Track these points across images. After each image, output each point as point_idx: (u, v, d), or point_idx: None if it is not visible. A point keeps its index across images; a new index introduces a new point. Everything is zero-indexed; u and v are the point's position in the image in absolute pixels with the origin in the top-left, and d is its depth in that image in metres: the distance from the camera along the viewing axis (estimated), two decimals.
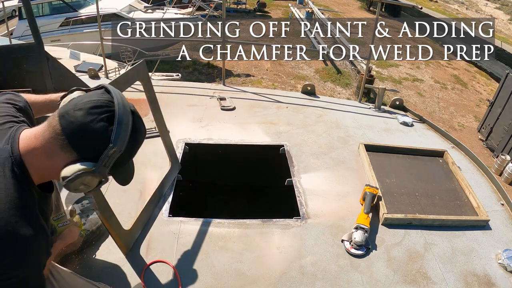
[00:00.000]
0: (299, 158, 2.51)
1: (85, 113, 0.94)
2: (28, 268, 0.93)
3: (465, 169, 2.59)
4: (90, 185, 1.00)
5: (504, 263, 1.85)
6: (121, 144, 0.97)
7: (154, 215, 1.94)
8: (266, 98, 3.42)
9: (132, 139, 1.01)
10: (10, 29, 6.74)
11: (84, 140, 0.95)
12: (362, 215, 1.95)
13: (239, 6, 16.29)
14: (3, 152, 0.95)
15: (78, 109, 0.95)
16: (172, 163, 2.19)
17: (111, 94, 1.01)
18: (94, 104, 0.96)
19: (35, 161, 0.97)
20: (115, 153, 0.97)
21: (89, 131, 0.94)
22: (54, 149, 0.95)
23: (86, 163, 0.95)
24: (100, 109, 0.96)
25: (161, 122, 2.07)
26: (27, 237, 0.92)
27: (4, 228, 0.89)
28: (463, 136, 7.88)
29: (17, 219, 0.91)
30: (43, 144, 0.96)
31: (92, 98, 0.99)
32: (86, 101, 0.97)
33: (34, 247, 0.94)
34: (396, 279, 1.72)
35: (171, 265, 1.68)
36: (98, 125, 0.95)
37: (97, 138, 0.95)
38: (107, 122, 0.96)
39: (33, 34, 2.34)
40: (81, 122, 0.94)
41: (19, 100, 1.18)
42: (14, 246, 0.90)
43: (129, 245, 1.72)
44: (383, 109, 3.44)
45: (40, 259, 0.99)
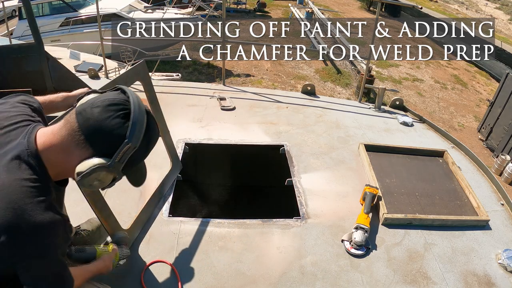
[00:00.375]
0: (299, 158, 2.51)
1: (102, 110, 0.98)
2: (47, 255, 0.96)
3: (465, 169, 2.59)
4: (105, 181, 1.03)
5: (504, 263, 1.85)
6: (136, 141, 1.00)
7: (154, 215, 1.94)
8: (266, 98, 3.42)
9: (147, 137, 1.04)
10: (10, 29, 6.74)
11: (100, 136, 0.98)
12: (362, 215, 1.95)
13: (239, 6, 16.29)
14: (20, 146, 0.98)
15: (95, 106, 0.99)
16: (173, 163, 2.19)
17: (127, 94, 1.04)
18: (111, 102, 1.00)
19: (52, 157, 1.00)
20: (129, 149, 1.00)
21: (106, 127, 0.97)
22: (71, 146, 0.98)
23: (102, 158, 0.98)
24: (116, 107, 0.99)
25: (162, 122, 2.07)
26: (44, 224, 0.94)
27: (21, 216, 0.91)
28: (463, 136, 7.88)
29: (33, 207, 0.93)
30: (60, 141, 0.99)
31: (108, 97, 1.02)
32: (103, 99, 1.01)
33: (51, 234, 0.97)
34: (396, 279, 1.72)
35: (171, 265, 1.68)
36: (114, 122, 0.98)
37: (113, 134, 0.98)
38: (123, 119, 0.99)
39: (33, 34, 2.34)
40: (98, 119, 0.97)
41: (33, 101, 1.21)
42: (31, 234, 0.92)
43: (129, 245, 1.72)
44: (383, 109, 3.44)
45: (58, 246, 1.01)
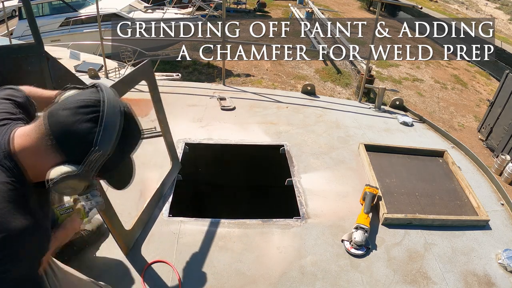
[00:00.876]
0: (299, 158, 2.51)
1: (71, 113, 0.90)
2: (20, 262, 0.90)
3: (465, 169, 2.59)
4: (76, 188, 0.96)
5: (504, 263, 1.85)
6: (106, 148, 0.91)
7: (154, 215, 1.94)
8: (266, 98, 3.42)
9: (122, 142, 0.95)
10: (10, 29, 6.74)
11: (69, 141, 0.91)
12: (362, 215, 1.96)
13: (239, 6, 16.28)
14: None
15: (66, 108, 0.91)
16: (173, 163, 2.20)
17: (101, 93, 0.95)
18: (81, 104, 0.92)
19: (27, 160, 0.94)
20: (100, 156, 0.91)
21: (74, 132, 0.89)
22: (43, 149, 0.92)
23: (71, 166, 0.91)
24: (86, 109, 0.91)
25: (164, 122, 2.07)
26: (18, 230, 0.88)
27: None
28: (463, 136, 7.88)
29: (7, 212, 0.88)
30: (31, 144, 0.93)
31: (81, 97, 0.94)
32: (76, 100, 0.93)
33: (26, 240, 0.91)
34: (396, 279, 1.72)
35: (171, 265, 1.68)
36: (83, 126, 0.90)
37: (81, 140, 0.90)
38: (94, 123, 0.90)
39: (33, 34, 2.33)
40: (66, 122, 0.89)
41: (18, 96, 1.13)
42: (5, 239, 0.86)
43: (130, 245, 1.73)
44: (383, 109, 3.44)
45: (34, 254, 0.95)
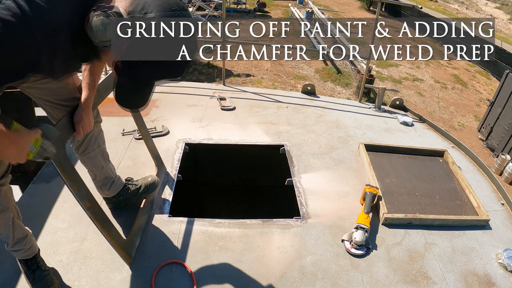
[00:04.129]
0: (299, 158, 2.51)
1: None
2: None
3: (465, 169, 2.59)
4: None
5: (504, 262, 1.85)
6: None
7: (154, 215, 1.94)
8: (266, 98, 3.42)
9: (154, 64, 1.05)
10: None
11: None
12: (362, 215, 1.95)
13: (239, 6, 16.26)
14: None
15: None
16: (158, 167, 2.19)
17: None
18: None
19: None
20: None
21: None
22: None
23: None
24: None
25: (143, 126, 2.08)
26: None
27: None
28: (463, 135, 7.87)
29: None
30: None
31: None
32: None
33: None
34: (396, 279, 1.72)
35: (171, 265, 1.68)
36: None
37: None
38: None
39: None
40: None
41: None
42: None
43: (132, 254, 1.68)
44: (383, 109, 3.44)
45: None
